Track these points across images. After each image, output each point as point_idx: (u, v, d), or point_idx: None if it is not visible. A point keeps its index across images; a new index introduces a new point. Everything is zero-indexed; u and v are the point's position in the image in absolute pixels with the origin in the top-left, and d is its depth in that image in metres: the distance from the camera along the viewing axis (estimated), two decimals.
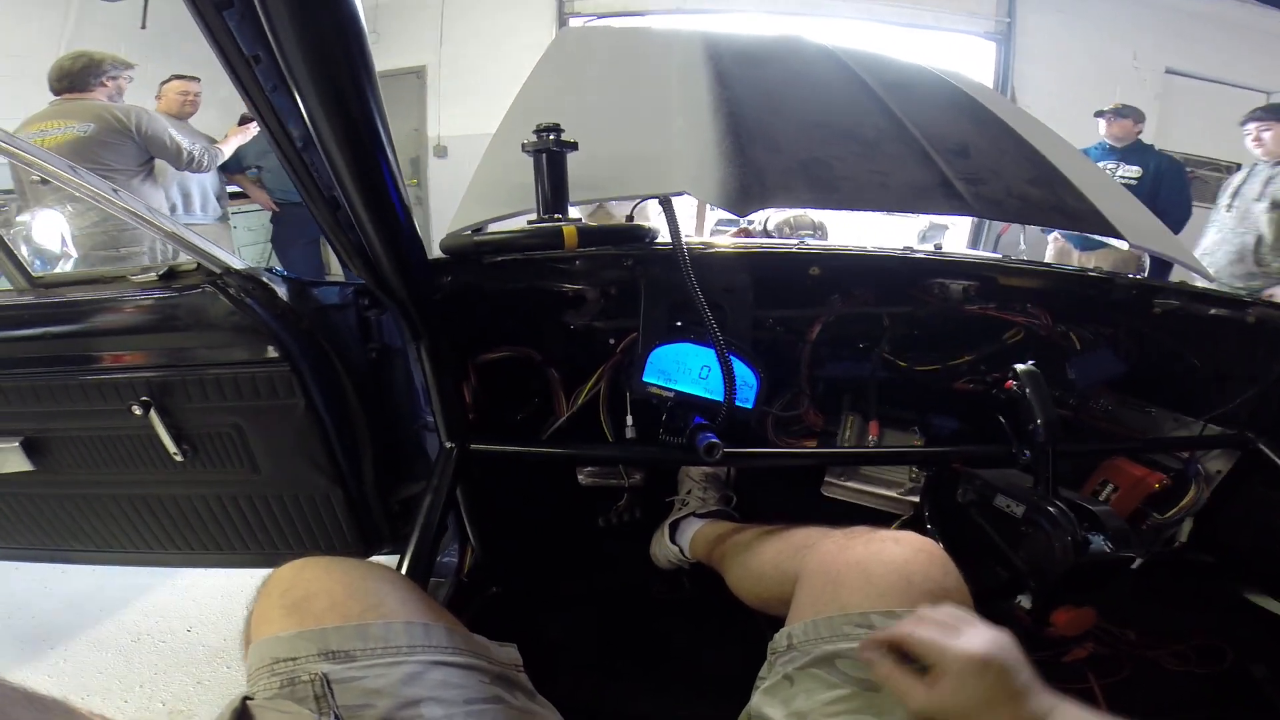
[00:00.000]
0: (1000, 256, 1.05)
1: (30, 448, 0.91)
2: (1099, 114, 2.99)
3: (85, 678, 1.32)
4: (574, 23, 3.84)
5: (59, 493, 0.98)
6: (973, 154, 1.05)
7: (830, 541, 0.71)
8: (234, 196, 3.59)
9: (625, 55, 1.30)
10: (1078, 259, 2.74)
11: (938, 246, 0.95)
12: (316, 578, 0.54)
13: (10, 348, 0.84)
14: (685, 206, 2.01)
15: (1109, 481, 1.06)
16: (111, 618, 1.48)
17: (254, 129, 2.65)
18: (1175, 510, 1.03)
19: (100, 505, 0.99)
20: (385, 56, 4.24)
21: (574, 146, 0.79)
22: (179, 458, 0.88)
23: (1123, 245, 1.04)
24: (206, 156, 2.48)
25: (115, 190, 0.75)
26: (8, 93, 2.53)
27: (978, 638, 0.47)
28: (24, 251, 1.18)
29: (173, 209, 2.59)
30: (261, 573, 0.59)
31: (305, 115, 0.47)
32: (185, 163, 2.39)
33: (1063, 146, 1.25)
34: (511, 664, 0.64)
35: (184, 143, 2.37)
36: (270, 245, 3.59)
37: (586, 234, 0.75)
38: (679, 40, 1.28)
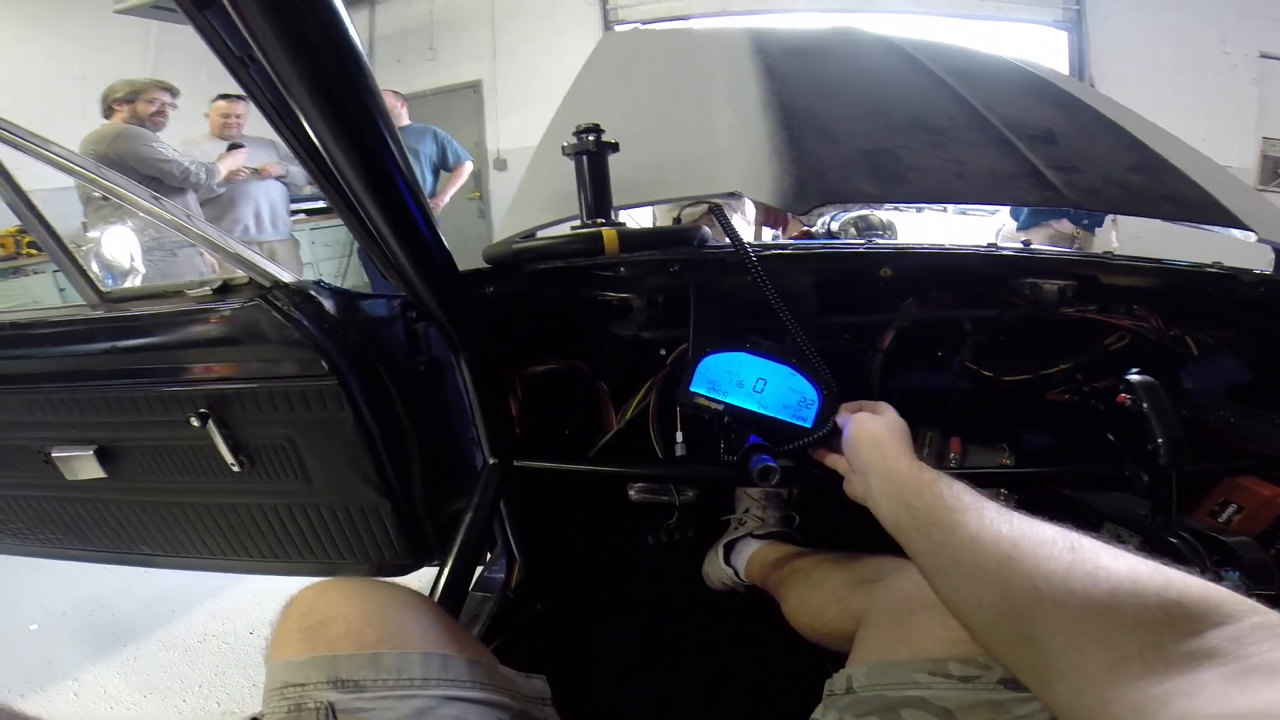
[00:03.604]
0: (1100, 253, 0.92)
1: (103, 456, 0.93)
2: None
3: (151, 676, 1.37)
4: (619, 30, 3.84)
5: (130, 499, 1.00)
6: (1061, 140, 0.93)
7: (904, 577, 0.63)
8: (312, 213, 3.78)
9: (669, 56, 1.25)
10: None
11: (1026, 243, 0.83)
12: (336, 602, 0.52)
13: (83, 361, 0.86)
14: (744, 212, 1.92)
15: (1231, 501, 0.90)
16: (183, 618, 1.53)
17: (243, 155, 2.66)
18: None
19: (167, 512, 1.00)
20: (442, 72, 4.40)
21: (615, 147, 0.74)
22: (236, 468, 0.88)
23: (1250, 238, 0.89)
24: (204, 173, 2.49)
25: (157, 199, 0.75)
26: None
27: (868, 418, 0.62)
28: (94, 267, 1.24)
29: (245, 229, 2.73)
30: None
31: (305, 122, 0.44)
32: (180, 180, 2.41)
33: (1162, 134, 1.09)
34: (538, 697, 0.59)
35: (179, 161, 2.38)
36: (347, 259, 3.72)
37: (629, 238, 0.69)
38: (724, 38, 1.21)
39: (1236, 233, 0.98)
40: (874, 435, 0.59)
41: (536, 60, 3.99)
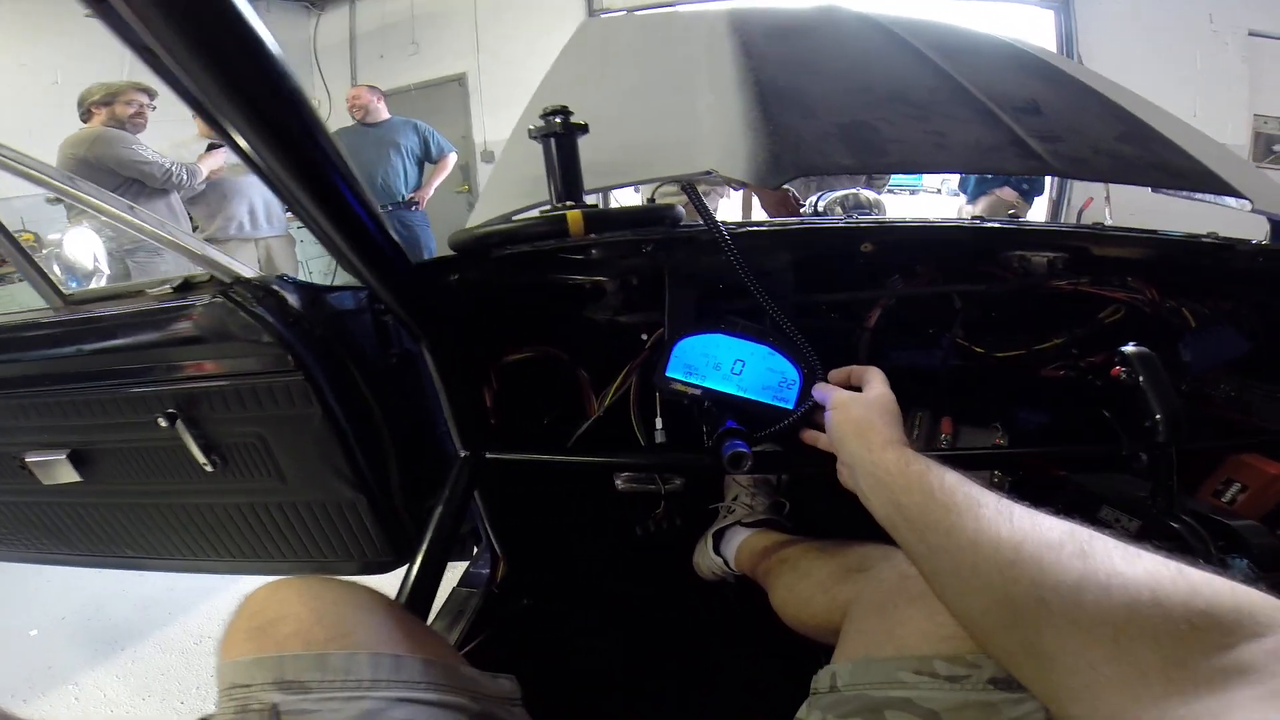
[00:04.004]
0: (1090, 224, 0.87)
1: (77, 460, 0.90)
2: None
3: (149, 679, 1.36)
4: (601, 16, 3.76)
5: (108, 502, 0.97)
6: (1045, 111, 0.89)
7: (890, 566, 0.59)
8: None
9: (649, 41, 1.20)
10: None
11: (1013, 216, 0.79)
12: (286, 601, 0.49)
13: (49, 365, 0.83)
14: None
15: (1235, 480, 0.85)
16: (178, 620, 1.52)
17: (223, 154, 2.58)
18: None
19: (145, 514, 0.97)
20: (426, 67, 4.31)
21: (584, 129, 0.69)
22: (209, 468, 0.85)
23: (1245, 206, 0.84)
24: (186, 174, 2.42)
25: (131, 207, 0.72)
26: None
27: (850, 401, 0.58)
28: (57, 270, 1.21)
29: (240, 226, 2.68)
30: None
31: (218, 117, 0.40)
32: (163, 181, 2.35)
33: (1152, 107, 1.05)
34: (505, 698, 0.56)
35: (159, 163, 2.32)
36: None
37: (596, 219, 0.65)
38: (704, 20, 1.16)
39: (1232, 202, 0.93)
40: (858, 423, 0.55)
41: (522, 51, 3.90)
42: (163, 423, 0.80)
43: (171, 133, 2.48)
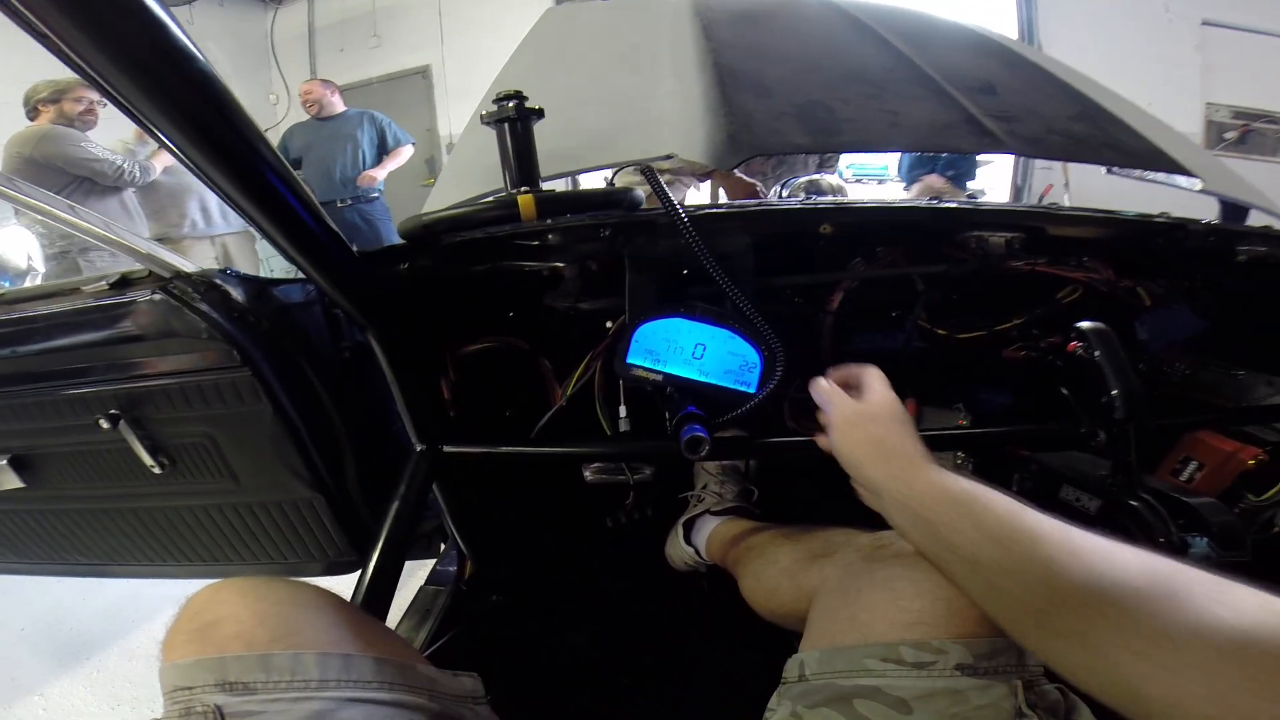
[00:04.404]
0: (1046, 205, 0.86)
1: (19, 465, 0.85)
2: None
3: (116, 687, 1.31)
4: (563, 5, 3.70)
5: (55, 508, 0.92)
6: (1000, 91, 0.88)
7: (853, 550, 0.57)
8: None
9: (613, 28, 1.17)
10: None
11: (972, 197, 0.78)
12: (228, 601, 0.47)
13: None
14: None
15: (1191, 458, 0.86)
16: (142, 628, 1.47)
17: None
18: (1276, 490, 0.83)
19: (96, 519, 0.92)
20: (389, 59, 4.18)
21: (539, 114, 0.66)
22: (157, 470, 0.80)
23: (1195, 186, 0.84)
24: (138, 169, 2.32)
25: (71, 208, 0.67)
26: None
27: (855, 416, 0.53)
28: None
29: (193, 224, 2.57)
30: None
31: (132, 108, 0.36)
32: (115, 178, 2.25)
33: (1105, 91, 1.04)
34: (466, 696, 0.53)
35: (110, 160, 2.22)
36: None
37: (548, 203, 0.62)
38: (668, 6, 1.13)
39: (1182, 181, 0.93)
40: (874, 445, 0.50)
41: (488, 42, 3.76)
42: (105, 424, 0.75)
43: (124, 129, 2.37)
